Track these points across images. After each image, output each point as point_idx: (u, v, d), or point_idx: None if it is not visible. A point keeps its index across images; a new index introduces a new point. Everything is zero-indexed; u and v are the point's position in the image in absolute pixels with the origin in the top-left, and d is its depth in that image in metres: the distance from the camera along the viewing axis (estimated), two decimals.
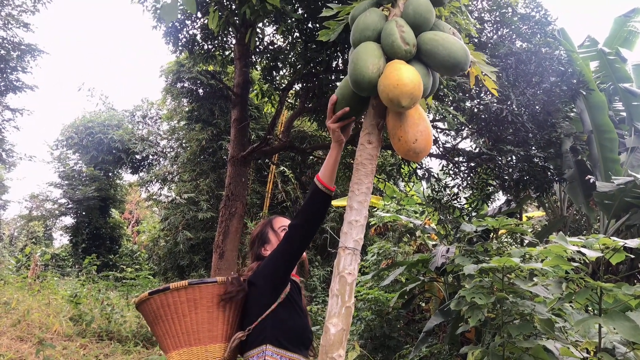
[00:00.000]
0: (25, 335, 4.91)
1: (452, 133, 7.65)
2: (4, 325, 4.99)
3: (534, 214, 10.98)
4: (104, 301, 6.52)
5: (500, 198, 11.20)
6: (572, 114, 7.35)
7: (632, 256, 2.73)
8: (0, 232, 22.88)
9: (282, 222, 2.24)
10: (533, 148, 6.40)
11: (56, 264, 15.05)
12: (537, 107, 6.42)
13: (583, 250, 2.37)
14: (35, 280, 8.71)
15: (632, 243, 2.33)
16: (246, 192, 7.36)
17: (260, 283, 1.96)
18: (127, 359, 4.92)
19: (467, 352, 3.37)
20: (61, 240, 24.23)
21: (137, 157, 16.85)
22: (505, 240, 8.70)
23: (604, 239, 2.37)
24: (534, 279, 3.21)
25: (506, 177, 6.90)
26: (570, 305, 3.45)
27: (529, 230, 4.47)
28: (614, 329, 2.16)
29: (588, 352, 3.10)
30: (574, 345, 2.83)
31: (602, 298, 2.49)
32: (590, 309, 3.04)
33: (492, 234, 5.17)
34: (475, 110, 6.67)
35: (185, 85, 13.26)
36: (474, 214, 7.36)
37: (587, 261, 2.62)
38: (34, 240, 21.66)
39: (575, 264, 2.58)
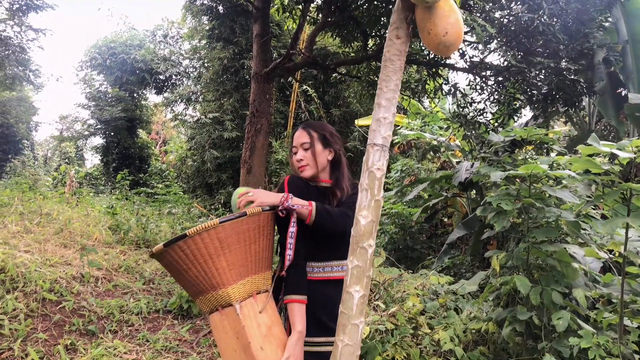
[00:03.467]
0: (68, 242, 5.25)
1: (480, 46, 7.41)
2: (48, 234, 5.32)
3: (560, 130, 10.80)
4: (138, 212, 6.86)
5: (527, 114, 11.00)
6: (606, 24, 7.00)
7: None
8: (34, 152, 23.55)
9: (292, 143, 2.13)
10: (564, 60, 6.19)
11: (90, 182, 15.58)
12: (569, 17, 6.14)
13: (615, 151, 2.37)
14: (72, 195, 9.10)
15: None
16: (270, 109, 7.37)
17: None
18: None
19: (492, 257, 3.48)
20: (93, 160, 24.91)
21: (161, 77, 16.86)
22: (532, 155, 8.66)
23: (636, 140, 2.36)
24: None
25: (534, 92, 6.75)
26: (595, 213, 3.50)
27: (559, 140, 4.43)
28: (631, 226, 2.22)
29: (612, 253, 3.18)
30: (599, 247, 2.91)
31: (632, 200, 2.52)
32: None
33: (519, 146, 5.14)
34: (505, 21, 6.42)
35: (205, 1, 12.94)
36: (500, 129, 7.29)
37: (618, 168, 2.62)
38: (67, 160, 22.35)
39: (606, 167, 2.59)
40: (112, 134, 17.71)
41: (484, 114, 7.71)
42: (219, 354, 2.06)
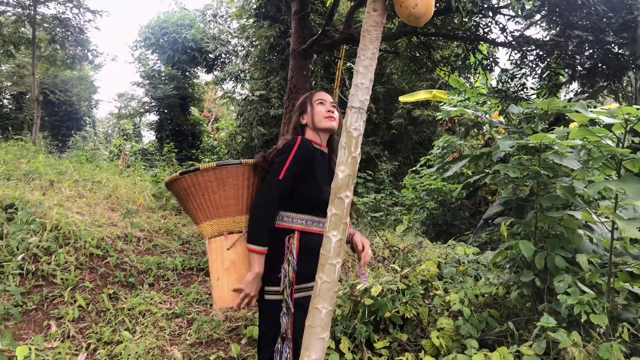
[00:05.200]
0: (115, 207, 5.73)
1: (520, 20, 7.30)
2: (98, 198, 5.83)
3: (610, 106, 10.44)
4: None
5: (574, 89, 10.69)
6: None
7: None
8: (95, 129, 24.80)
9: (321, 96, 2.35)
10: (609, 33, 6.03)
11: (145, 157, 16.37)
12: None
13: (602, 117, 2.45)
14: (125, 168, 9.71)
15: None
16: (308, 85, 7.57)
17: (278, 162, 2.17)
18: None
19: (501, 223, 3.60)
20: (149, 136, 25.99)
21: (210, 55, 17.34)
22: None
23: (627, 107, 2.42)
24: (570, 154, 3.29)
25: (577, 66, 6.61)
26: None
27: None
28: (622, 189, 2.30)
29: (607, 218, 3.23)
30: (595, 211, 2.98)
31: (622, 165, 2.60)
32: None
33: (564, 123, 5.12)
34: None
35: None
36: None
37: (609, 134, 2.68)
38: (125, 137, 23.45)
39: (602, 135, 2.66)
40: (166, 111, 18.41)
41: (525, 89, 7.62)
42: None
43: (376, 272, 4.07)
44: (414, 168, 10.79)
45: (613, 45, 6.35)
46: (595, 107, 8.91)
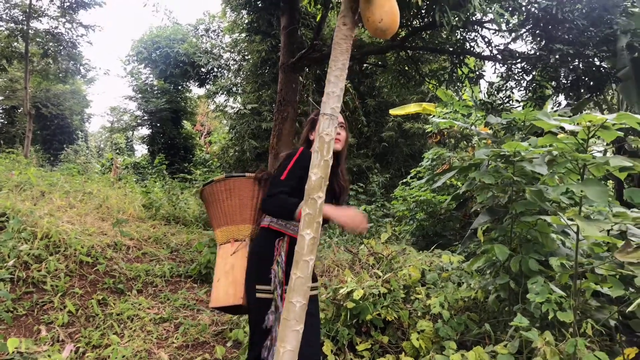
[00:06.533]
0: (105, 216, 5.83)
1: (506, 34, 7.49)
2: (89, 208, 5.92)
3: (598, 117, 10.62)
4: (170, 191, 7.45)
5: (562, 102, 10.89)
6: (636, 9, 6.95)
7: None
8: (87, 142, 24.82)
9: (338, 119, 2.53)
10: (589, 47, 6.22)
11: (137, 170, 16.43)
12: (594, 3, 6.18)
13: (564, 125, 2.60)
14: (117, 180, 9.81)
15: (611, 117, 2.52)
16: (297, 98, 7.72)
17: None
18: (189, 237, 5.74)
19: (478, 228, 3.73)
20: (141, 150, 26.05)
21: (203, 69, 17.49)
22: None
23: (588, 115, 2.57)
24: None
25: (561, 79, 6.80)
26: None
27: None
28: (583, 192, 2.44)
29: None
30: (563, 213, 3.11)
31: (586, 169, 2.74)
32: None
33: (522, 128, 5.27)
34: (533, 9, 6.50)
35: None
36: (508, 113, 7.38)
37: (574, 140, 2.82)
38: (117, 151, 23.50)
39: (567, 142, 2.81)
40: (158, 124, 18.50)
41: (511, 102, 7.80)
42: None
43: (359, 277, 4.18)
44: (404, 180, 10.93)
45: (594, 58, 6.54)
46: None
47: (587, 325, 2.63)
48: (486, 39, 7.38)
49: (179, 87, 19.34)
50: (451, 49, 7.49)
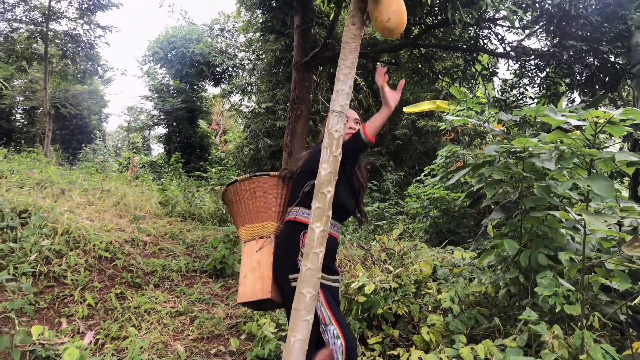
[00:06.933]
0: (123, 213, 5.97)
1: (520, 31, 7.47)
2: (107, 205, 6.07)
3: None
4: (185, 189, 7.60)
5: (577, 99, 10.82)
6: None
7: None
8: (105, 142, 25.18)
9: (352, 115, 2.55)
10: (603, 43, 6.19)
11: (153, 170, 16.66)
12: None
13: (570, 120, 2.63)
14: (134, 179, 9.99)
15: (616, 112, 2.54)
16: (310, 96, 7.78)
17: (302, 171, 2.48)
18: (204, 233, 5.86)
19: (488, 224, 3.77)
20: (158, 149, 26.37)
21: (218, 69, 17.65)
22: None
23: (594, 111, 2.60)
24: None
25: (575, 75, 6.77)
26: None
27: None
28: (589, 186, 2.47)
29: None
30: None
31: (593, 164, 2.77)
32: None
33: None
34: (546, 6, 6.48)
35: None
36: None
37: (581, 136, 2.85)
38: (134, 150, 23.81)
39: (576, 137, 2.84)
40: (174, 124, 18.70)
41: (524, 99, 7.78)
42: None
43: (370, 272, 4.24)
44: (418, 178, 10.93)
45: (609, 54, 6.50)
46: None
47: (594, 318, 2.65)
48: (499, 36, 7.36)
49: (195, 87, 19.53)
50: (464, 47, 7.49)
